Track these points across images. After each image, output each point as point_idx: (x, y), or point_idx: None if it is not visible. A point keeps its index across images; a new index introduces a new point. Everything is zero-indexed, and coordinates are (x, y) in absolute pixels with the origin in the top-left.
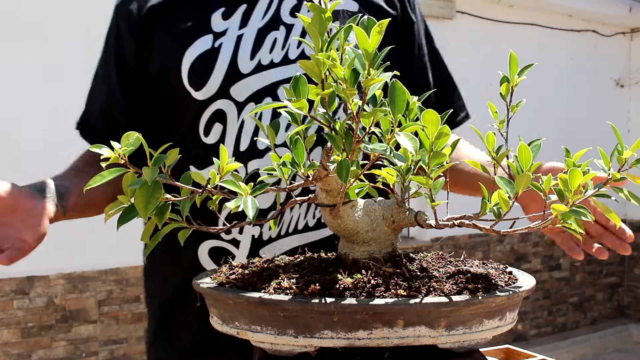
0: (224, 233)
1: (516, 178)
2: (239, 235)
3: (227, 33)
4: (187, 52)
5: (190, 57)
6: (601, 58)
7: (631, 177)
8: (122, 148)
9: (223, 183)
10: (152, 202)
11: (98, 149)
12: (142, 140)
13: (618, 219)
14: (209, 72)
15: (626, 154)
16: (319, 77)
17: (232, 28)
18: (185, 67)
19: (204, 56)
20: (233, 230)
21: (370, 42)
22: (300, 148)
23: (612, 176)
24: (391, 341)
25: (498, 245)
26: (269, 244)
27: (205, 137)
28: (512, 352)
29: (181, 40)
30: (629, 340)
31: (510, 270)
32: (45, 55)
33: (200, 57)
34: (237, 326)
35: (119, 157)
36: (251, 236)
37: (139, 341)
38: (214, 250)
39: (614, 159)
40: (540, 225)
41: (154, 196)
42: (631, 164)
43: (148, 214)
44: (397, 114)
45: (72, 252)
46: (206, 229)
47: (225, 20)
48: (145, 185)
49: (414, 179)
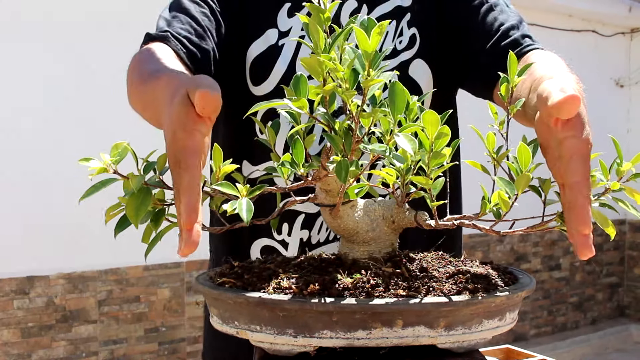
0: (276, 233)
1: (516, 178)
2: (288, 237)
3: (290, 33)
4: (252, 46)
5: (254, 53)
6: (601, 58)
7: (628, 192)
8: (111, 158)
9: (217, 186)
10: (142, 209)
11: (86, 162)
12: (131, 149)
13: (613, 232)
14: (269, 69)
15: (625, 166)
16: (320, 76)
17: (295, 28)
18: (248, 62)
19: (266, 53)
20: (283, 231)
21: (370, 42)
22: (299, 148)
23: (611, 186)
24: (390, 341)
25: (498, 245)
26: (316, 248)
27: (261, 133)
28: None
29: (248, 33)
30: (629, 340)
31: (510, 270)
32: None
33: (263, 54)
34: (237, 326)
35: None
36: (299, 239)
37: (139, 341)
38: (265, 249)
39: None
40: (539, 228)
41: (144, 204)
42: (629, 177)
43: (139, 221)
44: (397, 115)
45: (72, 252)
46: (207, 229)
47: (289, 19)
48: (134, 194)
49: (414, 179)
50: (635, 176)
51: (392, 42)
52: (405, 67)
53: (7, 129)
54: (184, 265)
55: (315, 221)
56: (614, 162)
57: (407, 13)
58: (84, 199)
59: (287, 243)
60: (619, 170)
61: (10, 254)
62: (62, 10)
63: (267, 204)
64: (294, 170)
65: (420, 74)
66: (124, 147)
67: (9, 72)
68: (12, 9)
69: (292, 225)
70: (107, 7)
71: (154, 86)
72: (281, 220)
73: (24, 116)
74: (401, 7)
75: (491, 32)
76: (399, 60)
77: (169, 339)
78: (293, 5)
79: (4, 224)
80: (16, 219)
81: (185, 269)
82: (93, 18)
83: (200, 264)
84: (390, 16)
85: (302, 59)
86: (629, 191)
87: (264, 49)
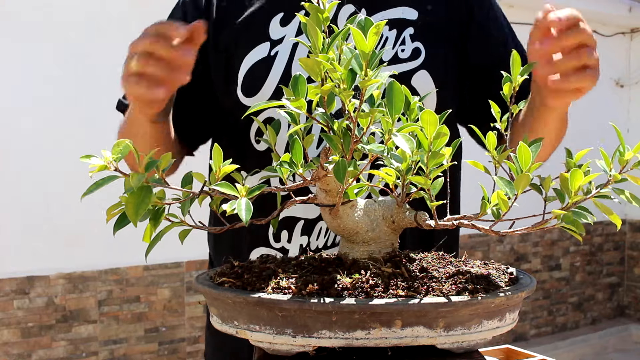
0: (274, 241)
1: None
2: (288, 244)
3: (284, 41)
4: (245, 60)
5: (246, 65)
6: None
7: (633, 179)
8: (112, 155)
9: (217, 186)
10: (143, 207)
11: (87, 159)
12: (132, 147)
13: (619, 221)
14: (263, 80)
15: (628, 155)
16: (318, 77)
17: (288, 35)
18: (241, 75)
19: (258, 64)
20: (282, 239)
21: (368, 42)
22: (298, 148)
23: (613, 177)
24: (389, 341)
25: (498, 245)
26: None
27: (256, 144)
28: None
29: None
30: (629, 340)
31: (511, 270)
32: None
33: (255, 65)
34: (236, 325)
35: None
36: (299, 245)
37: (139, 341)
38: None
39: (615, 160)
40: (539, 227)
41: (145, 202)
42: (632, 166)
43: (138, 220)
44: (395, 115)
45: (72, 252)
46: (207, 229)
47: (283, 27)
48: (135, 192)
49: (413, 179)
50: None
51: (392, 49)
52: (408, 76)
53: (7, 128)
54: (184, 265)
55: (315, 227)
56: (616, 151)
57: (410, 27)
58: (85, 197)
59: (287, 250)
60: (621, 160)
61: (10, 254)
62: (62, 10)
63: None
64: (293, 171)
65: (423, 84)
66: (125, 144)
67: (9, 72)
68: (12, 9)
69: (292, 232)
70: (107, 7)
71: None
72: (280, 227)
73: (24, 116)
74: (404, 20)
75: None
76: (400, 69)
77: (169, 339)
78: (286, 15)
79: (4, 224)
80: (16, 219)
81: (185, 269)
82: (93, 18)
83: (200, 264)
84: (390, 24)
85: (301, 59)
86: (633, 179)
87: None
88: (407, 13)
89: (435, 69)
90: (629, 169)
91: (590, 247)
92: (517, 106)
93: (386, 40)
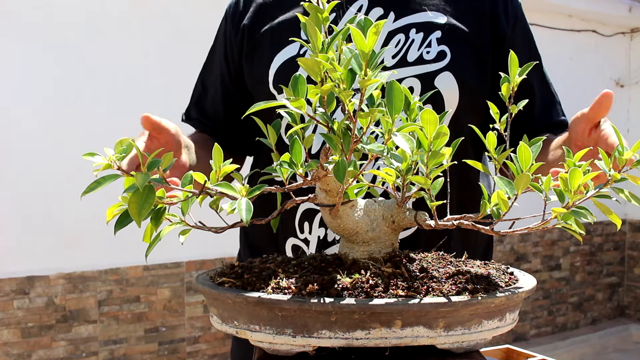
0: (299, 232)
1: (516, 178)
2: (309, 236)
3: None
4: (276, 58)
5: (277, 63)
6: (601, 58)
7: (632, 179)
8: (116, 154)
9: (217, 186)
10: (146, 207)
11: (90, 156)
12: (135, 145)
13: (619, 221)
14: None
15: (627, 154)
16: (318, 77)
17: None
18: (272, 72)
19: (289, 62)
20: (305, 230)
21: (367, 42)
22: (298, 148)
23: (613, 177)
24: (389, 341)
25: (498, 245)
26: (332, 245)
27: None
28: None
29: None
30: (629, 340)
31: (511, 270)
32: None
33: (286, 63)
34: (236, 325)
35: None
36: (317, 237)
37: (139, 341)
38: (294, 247)
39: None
40: (539, 226)
41: (148, 202)
42: (632, 165)
43: (142, 219)
44: (394, 114)
45: (72, 252)
46: (207, 229)
47: None
48: (139, 191)
49: (413, 178)
50: (638, 163)
51: (417, 51)
52: (432, 77)
53: (7, 128)
54: (184, 265)
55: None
56: (614, 151)
57: (438, 30)
58: (84, 196)
59: (309, 241)
60: (620, 159)
61: (10, 254)
62: (62, 10)
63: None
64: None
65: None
66: (128, 143)
67: (9, 72)
68: (12, 9)
69: (312, 223)
70: (107, 7)
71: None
72: (303, 219)
73: (24, 116)
74: (432, 23)
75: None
76: (425, 70)
77: (169, 339)
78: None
79: (4, 224)
80: (16, 219)
81: (185, 269)
82: (93, 18)
83: (200, 264)
84: (418, 27)
85: (300, 59)
86: (632, 178)
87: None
88: (436, 17)
89: (459, 72)
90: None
91: (590, 247)
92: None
93: (412, 42)
